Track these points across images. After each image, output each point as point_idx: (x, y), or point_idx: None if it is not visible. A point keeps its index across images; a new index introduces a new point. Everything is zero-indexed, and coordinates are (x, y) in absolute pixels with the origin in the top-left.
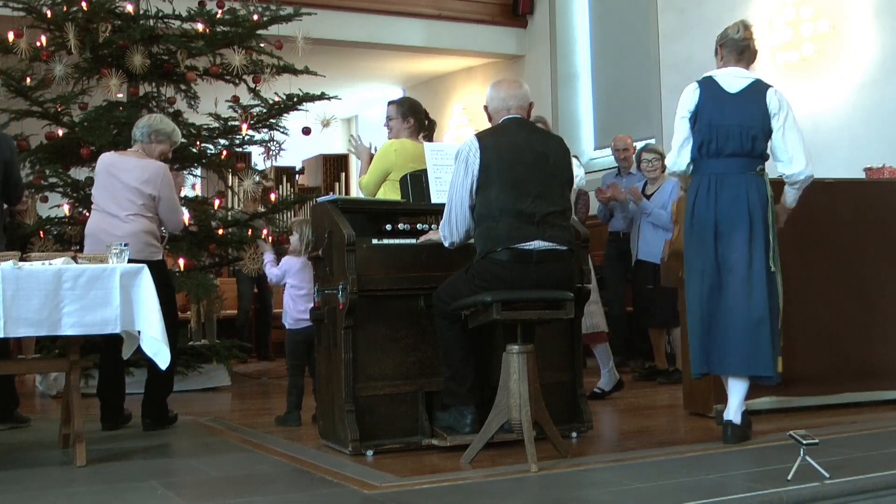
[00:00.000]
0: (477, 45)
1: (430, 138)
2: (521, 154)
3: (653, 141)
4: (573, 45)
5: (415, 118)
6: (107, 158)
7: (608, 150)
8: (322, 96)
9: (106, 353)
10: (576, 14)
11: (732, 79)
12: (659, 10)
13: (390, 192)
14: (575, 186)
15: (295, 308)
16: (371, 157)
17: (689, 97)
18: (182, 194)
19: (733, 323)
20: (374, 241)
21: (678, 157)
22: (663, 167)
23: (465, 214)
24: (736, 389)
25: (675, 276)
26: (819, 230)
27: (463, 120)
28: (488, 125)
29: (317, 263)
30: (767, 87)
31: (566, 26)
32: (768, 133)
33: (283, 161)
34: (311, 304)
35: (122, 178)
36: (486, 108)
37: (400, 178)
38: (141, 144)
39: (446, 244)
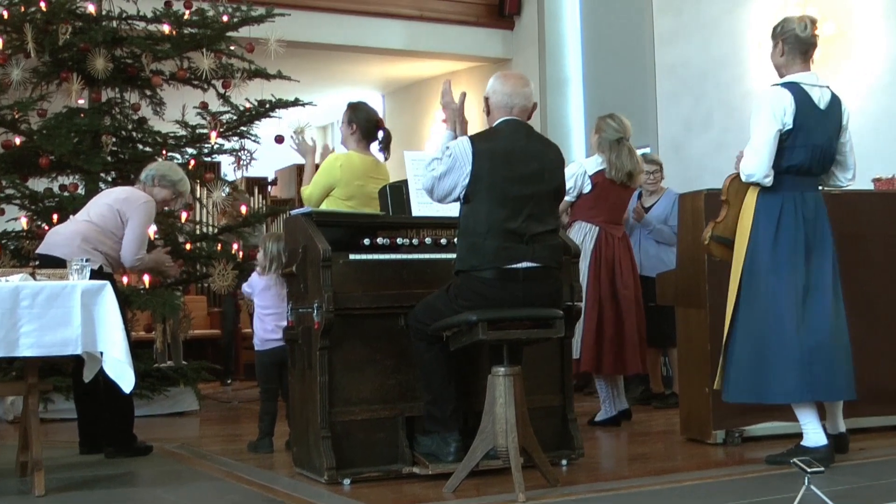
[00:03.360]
0: (460, 48)
1: (385, 152)
2: (517, 167)
3: (648, 150)
4: (563, 48)
5: (358, 125)
6: None
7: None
8: (296, 102)
9: (77, 375)
10: (566, 15)
11: (815, 89)
12: (655, 12)
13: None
14: (568, 199)
15: (262, 328)
16: (316, 161)
17: (782, 105)
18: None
19: (835, 346)
20: (352, 257)
21: (765, 165)
22: (662, 177)
23: (446, 196)
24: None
25: (671, 294)
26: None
27: (444, 128)
28: (476, 130)
29: (290, 280)
30: (840, 99)
31: (556, 28)
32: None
33: (255, 171)
34: (281, 324)
35: (104, 198)
36: (486, 99)
37: (379, 189)
38: (143, 185)
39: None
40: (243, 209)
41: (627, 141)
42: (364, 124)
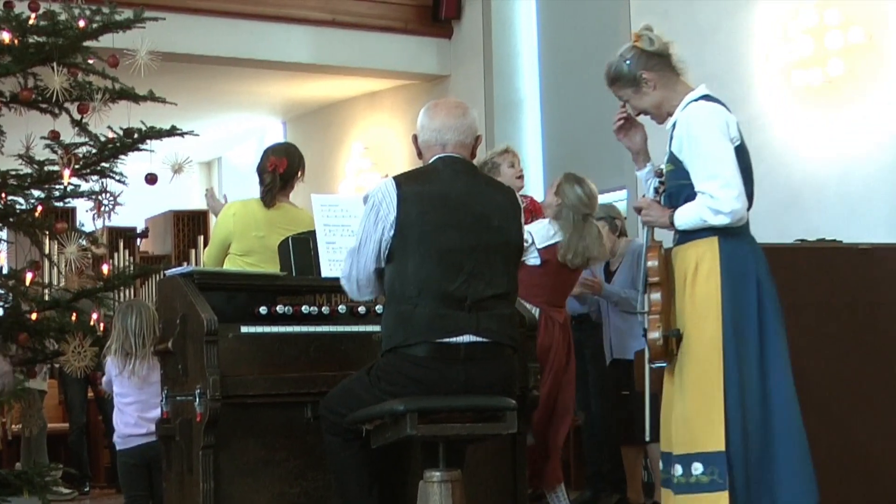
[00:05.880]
0: (384, 62)
1: (268, 198)
2: (454, 213)
3: (623, 192)
4: (515, 62)
5: (260, 175)
6: None
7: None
8: (172, 132)
9: None
10: (518, 20)
11: None
12: (632, 15)
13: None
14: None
15: (122, 422)
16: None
17: (723, 118)
18: None
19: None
20: (244, 329)
21: (745, 199)
22: (623, 233)
23: (368, 278)
24: None
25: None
26: (850, 311)
27: (364, 163)
28: (404, 168)
29: (165, 359)
30: None
31: (506, 36)
32: None
33: (120, 220)
34: (146, 415)
35: None
36: (414, 138)
37: (279, 243)
38: None
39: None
40: (105, 268)
41: (592, 216)
42: (260, 172)
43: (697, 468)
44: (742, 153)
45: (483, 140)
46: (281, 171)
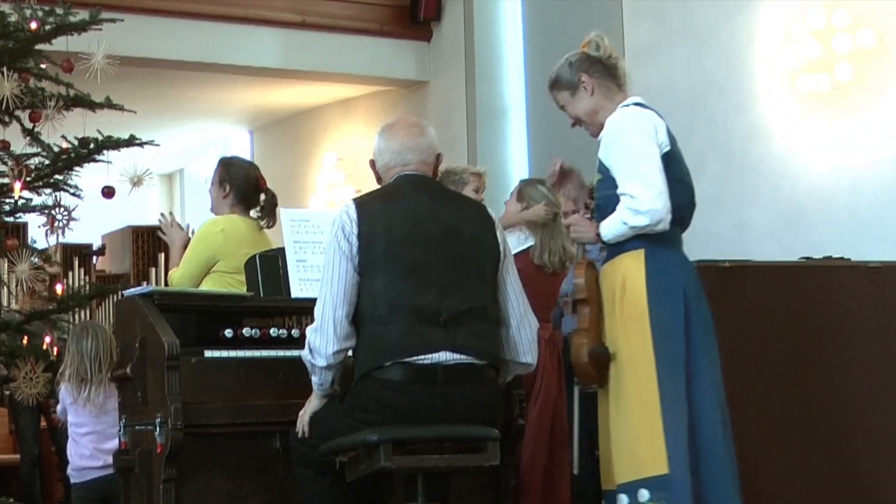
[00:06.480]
0: (358, 67)
1: (264, 219)
2: (421, 226)
3: None
4: (500, 67)
5: (234, 187)
6: None
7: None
8: (131, 142)
9: None
10: (503, 22)
11: None
12: (625, 18)
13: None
14: None
15: (77, 453)
16: (187, 243)
17: (651, 122)
18: None
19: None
20: (208, 354)
21: (666, 196)
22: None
23: (342, 321)
24: None
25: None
26: (861, 335)
27: (337, 176)
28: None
29: (123, 386)
30: None
31: (489, 39)
32: None
33: (75, 236)
34: (103, 446)
35: None
36: (372, 163)
37: (245, 262)
38: None
39: (319, 364)
40: (59, 288)
41: (560, 216)
42: (241, 185)
43: (644, 495)
44: (673, 160)
45: (466, 147)
46: (264, 185)
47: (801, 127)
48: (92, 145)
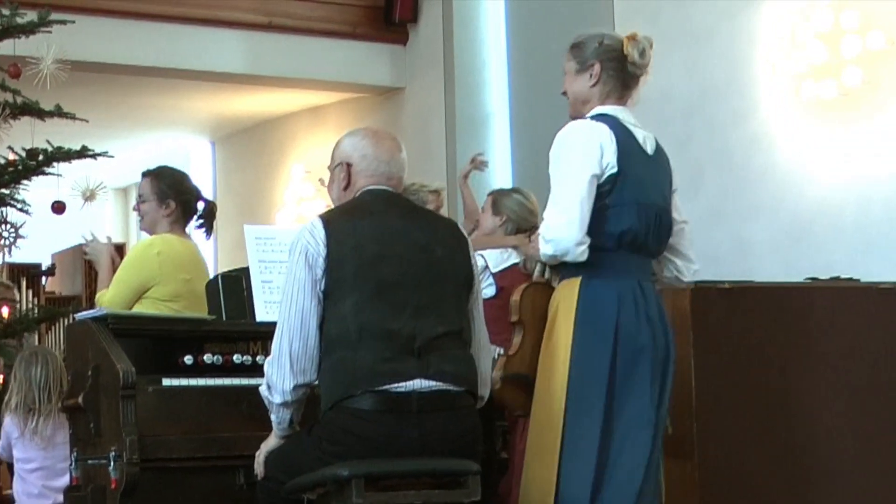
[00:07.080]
0: (329, 72)
1: (208, 231)
2: (392, 245)
3: None
4: (481, 72)
5: (178, 200)
6: None
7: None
8: (83, 153)
9: None
10: (484, 24)
11: (637, 129)
12: (617, 17)
13: None
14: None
15: (24, 491)
16: (114, 262)
17: (598, 142)
18: None
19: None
20: (166, 382)
21: (577, 228)
22: None
23: (307, 348)
24: None
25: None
26: (871, 361)
27: (305, 189)
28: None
29: (74, 417)
30: (665, 152)
31: (469, 42)
32: None
33: (23, 255)
34: (52, 483)
35: None
36: (347, 165)
37: (206, 283)
38: None
39: (275, 402)
40: (5, 311)
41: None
42: (187, 198)
43: None
44: (624, 182)
45: (445, 158)
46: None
47: (806, 136)
48: (41, 157)
